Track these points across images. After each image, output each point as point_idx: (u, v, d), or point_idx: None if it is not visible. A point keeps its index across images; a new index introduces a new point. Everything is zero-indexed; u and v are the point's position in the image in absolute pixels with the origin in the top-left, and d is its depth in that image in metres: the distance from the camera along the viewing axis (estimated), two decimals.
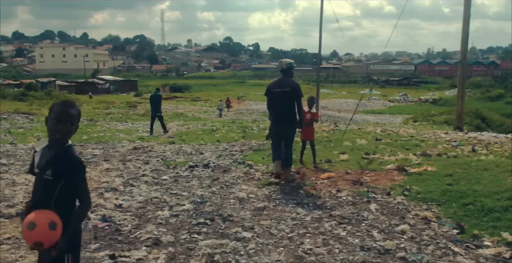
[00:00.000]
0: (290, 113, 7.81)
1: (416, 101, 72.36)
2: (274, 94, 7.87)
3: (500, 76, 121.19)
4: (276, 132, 8.04)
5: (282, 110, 7.83)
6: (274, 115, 8.02)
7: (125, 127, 21.32)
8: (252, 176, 8.59)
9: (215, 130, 18.70)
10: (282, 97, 7.78)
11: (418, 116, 34.94)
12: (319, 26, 34.08)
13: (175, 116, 32.08)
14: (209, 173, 8.98)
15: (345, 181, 7.98)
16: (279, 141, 7.97)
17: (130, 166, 9.66)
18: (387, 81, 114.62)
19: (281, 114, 7.88)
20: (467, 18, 17.63)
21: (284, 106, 7.79)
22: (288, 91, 7.76)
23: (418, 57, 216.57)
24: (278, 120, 7.95)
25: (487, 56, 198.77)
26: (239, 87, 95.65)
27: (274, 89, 7.89)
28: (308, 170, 8.83)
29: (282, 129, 7.91)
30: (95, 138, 15.52)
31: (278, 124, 7.97)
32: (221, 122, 27.98)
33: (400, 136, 15.74)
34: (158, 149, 12.53)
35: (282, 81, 7.92)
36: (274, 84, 7.98)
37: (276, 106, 7.90)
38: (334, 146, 12.78)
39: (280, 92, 7.79)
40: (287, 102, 7.79)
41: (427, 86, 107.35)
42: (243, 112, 45.05)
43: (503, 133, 21.16)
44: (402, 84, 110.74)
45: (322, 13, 33.47)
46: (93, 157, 10.79)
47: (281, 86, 7.82)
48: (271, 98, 7.97)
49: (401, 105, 65.57)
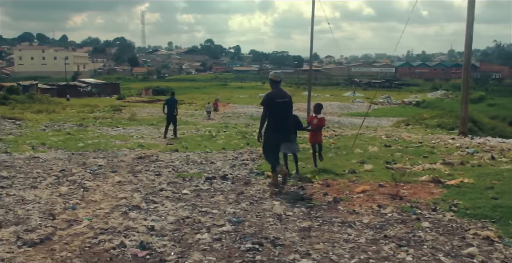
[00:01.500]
0: (289, 122, 8.25)
1: (400, 103, 72.44)
2: (278, 105, 8.00)
3: (479, 79, 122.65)
4: (275, 140, 8.20)
5: (284, 119, 8.09)
6: (275, 124, 8.05)
7: (118, 133, 20.56)
8: (278, 190, 8.03)
9: (214, 136, 18.08)
10: (284, 107, 8.04)
11: (410, 120, 34.78)
12: (311, 29, 33.79)
13: (163, 120, 31.24)
14: (231, 186, 8.40)
15: (382, 195, 7.46)
16: (274, 147, 8.21)
17: (143, 178, 9.00)
18: (369, 84, 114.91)
19: (283, 123, 8.09)
20: (470, 21, 17.35)
21: (286, 116, 8.11)
22: (288, 101, 8.12)
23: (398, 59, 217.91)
24: (280, 129, 8.09)
25: None
26: (221, 89, 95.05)
27: (277, 100, 8.01)
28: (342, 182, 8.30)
29: (284, 137, 8.22)
30: (91, 145, 14.79)
31: (279, 133, 8.12)
32: (213, 126, 27.40)
33: (408, 142, 15.35)
34: (164, 157, 11.90)
35: (282, 91, 8.18)
36: (276, 94, 8.09)
37: (278, 115, 8.02)
38: (347, 154, 12.30)
39: (283, 102, 8.02)
40: (289, 111, 8.16)
41: (409, 88, 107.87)
42: (230, 116, 44.47)
43: (496, 136, 21.01)
44: (384, 86, 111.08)
45: (313, 16, 33.18)
46: (99, 167, 10.10)
47: (283, 97, 8.08)
48: (274, 108, 8.00)
49: (385, 108, 65.59)
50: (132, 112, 37.21)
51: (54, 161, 11.02)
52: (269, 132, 8.17)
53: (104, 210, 6.55)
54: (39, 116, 28.30)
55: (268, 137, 8.23)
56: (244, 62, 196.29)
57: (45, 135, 17.92)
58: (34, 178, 8.80)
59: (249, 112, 48.08)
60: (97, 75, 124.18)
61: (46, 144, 14.69)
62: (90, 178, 8.96)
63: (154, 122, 28.81)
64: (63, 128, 21.08)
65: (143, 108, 47.68)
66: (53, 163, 10.71)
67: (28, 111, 31.79)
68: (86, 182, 8.53)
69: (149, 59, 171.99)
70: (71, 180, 8.64)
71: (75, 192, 7.72)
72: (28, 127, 20.92)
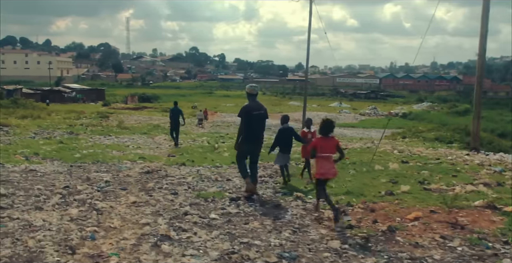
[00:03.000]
0: (263, 134, 8.60)
1: (386, 115, 72.17)
2: (254, 117, 8.25)
3: (463, 91, 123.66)
4: (247, 150, 8.45)
5: (259, 131, 8.42)
6: (250, 135, 8.31)
7: (112, 142, 19.45)
8: (318, 215, 7.15)
9: (217, 148, 17.11)
10: (260, 119, 8.33)
11: (406, 132, 34.22)
12: (307, 38, 33.18)
13: (153, 129, 30.15)
14: (261, 209, 7.49)
15: (438, 223, 6.62)
16: (246, 158, 8.50)
17: (159, 197, 8.02)
18: (354, 95, 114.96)
19: (258, 135, 8.43)
20: (484, 33, 16.80)
21: (261, 128, 8.44)
22: (263, 113, 8.44)
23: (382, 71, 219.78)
24: (254, 141, 8.40)
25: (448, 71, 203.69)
26: (207, 98, 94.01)
27: (254, 112, 8.27)
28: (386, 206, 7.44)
29: (255, 148, 8.51)
30: (88, 156, 13.70)
31: (252, 144, 8.40)
32: (208, 136, 26.41)
33: (424, 158, 14.62)
34: (173, 172, 10.93)
35: (257, 104, 8.45)
36: (252, 107, 8.36)
37: (254, 127, 8.29)
38: (368, 171, 11.47)
39: (259, 114, 8.30)
40: (263, 124, 8.46)
41: (394, 100, 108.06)
42: (219, 125, 43.51)
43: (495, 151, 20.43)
44: (370, 97, 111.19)
45: (310, 24, 32.55)
46: (106, 184, 9.08)
47: (259, 109, 8.37)
48: (250, 120, 8.24)
49: (373, 119, 65.13)
50: (120, 120, 36.03)
51: (54, 175, 9.97)
52: (243, 142, 8.37)
53: (130, 240, 5.59)
54: (24, 122, 26.99)
55: (242, 147, 8.43)
56: (229, 70, 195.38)
57: (36, 143, 16.75)
58: (36, 196, 7.76)
59: (238, 122, 47.14)
60: (80, 80, 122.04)
61: (39, 154, 13.56)
62: (99, 197, 7.95)
63: (145, 130, 27.74)
64: (53, 136, 19.89)
65: (130, 115, 46.49)
66: (53, 178, 9.66)
67: (13, 117, 30.40)
68: (96, 202, 7.52)
69: (134, 66, 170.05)
70: (79, 200, 7.62)
71: (88, 215, 6.72)
72: (17, 134, 19.67)
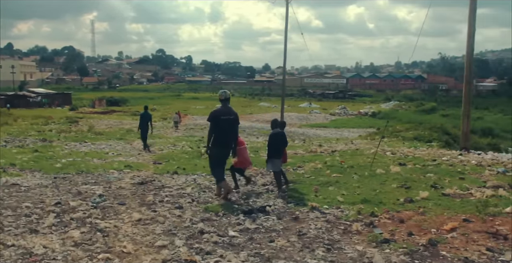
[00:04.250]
0: (233, 138, 8.70)
1: (356, 114, 72.61)
2: (222, 122, 8.41)
3: (428, 90, 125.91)
4: (219, 154, 8.59)
5: (228, 136, 8.56)
6: (220, 139, 8.48)
7: (89, 149, 18.49)
8: (344, 227, 6.59)
9: (203, 154, 16.33)
10: (228, 124, 8.46)
11: (384, 132, 34.07)
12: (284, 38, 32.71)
13: (127, 134, 29.13)
14: (280, 223, 6.88)
15: (477, 233, 6.14)
16: (219, 162, 8.63)
17: (165, 213, 7.30)
18: (323, 95, 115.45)
19: (228, 139, 8.57)
20: (472, 33, 16.58)
21: (231, 132, 8.57)
22: (233, 118, 8.58)
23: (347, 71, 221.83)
24: (224, 144, 8.56)
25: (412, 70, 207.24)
26: (176, 100, 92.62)
27: (222, 117, 8.45)
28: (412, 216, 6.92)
29: (226, 152, 8.67)
30: (70, 166, 12.79)
31: (223, 148, 8.58)
32: (187, 140, 25.61)
33: (421, 159, 14.25)
34: (169, 182, 10.20)
35: (227, 109, 8.60)
36: (221, 112, 8.55)
37: (223, 132, 8.44)
38: (371, 176, 10.98)
39: (227, 119, 8.44)
40: (233, 128, 8.59)
41: (362, 99, 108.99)
42: (193, 128, 42.59)
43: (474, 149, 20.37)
44: (338, 97, 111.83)
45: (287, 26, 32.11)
46: (101, 198, 8.28)
47: (228, 114, 8.52)
48: (219, 124, 8.41)
49: (343, 119, 65.31)
50: (90, 125, 34.79)
51: (40, 189, 9.10)
52: (214, 147, 8.53)
53: None
54: None
55: (213, 151, 8.59)
56: (196, 72, 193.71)
57: (9, 152, 15.65)
58: (27, 216, 6.93)
59: None
60: (45, 84, 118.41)
61: (16, 164, 12.56)
62: (98, 214, 7.17)
63: (118, 135, 26.74)
64: (26, 144, 18.77)
65: (100, 120, 45.14)
66: (39, 192, 8.80)
67: None
68: (97, 221, 6.75)
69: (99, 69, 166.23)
70: (76, 219, 6.83)
71: (93, 237, 5.96)
72: None
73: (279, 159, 9.43)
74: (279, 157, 9.42)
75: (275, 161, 9.35)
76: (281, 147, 9.53)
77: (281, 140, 9.47)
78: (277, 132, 9.48)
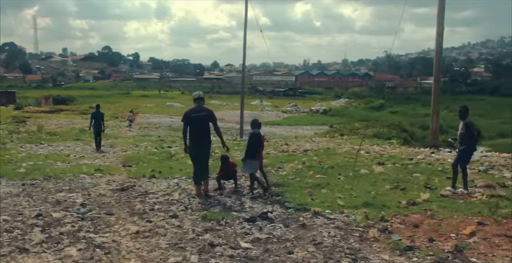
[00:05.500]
0: (208, 134, 8.89)
1: (308, 112, 73.03)
2: (193, 119, 8.76)
3: (375, 87, 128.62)
4: (196, 151, 8.86)
5: (202, 132, 8.80)
6: (194, 137, 8.81)
7: (48, 151, 17.42)
8: (359, 234, 6.26)
9: (174, 155, 15.68)
10: (200, 121, 8.76)
11: (343, 129, 34.34)
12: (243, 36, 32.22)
13: (80, 134, 27.89)
14: (289, 231, 6.48)
15: (497, 237, 5.97)
16: (199, 159, 8.87)
17: (162, 223, 6.73)
18: (273, 92, 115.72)
19: (201, 136, 8.80)
20: (440, 31, 16.75)
21: (202, 129, 8.81)
22: (204, 114, 8.85)
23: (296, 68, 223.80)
24: (199, 141, 8.81)
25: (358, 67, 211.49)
26: (125, 98, 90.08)
27: (192, 115, 8.80)
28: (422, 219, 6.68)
29: (204, 150, 8.90)
30: (34, 170, 11.84)
31: (199, 145, 8.82)
32: (148, 140, 24.73)
33: (396, 158, 14.24)
34: (150, 187, 9.59)
35: (199, 107, 8.93)
36: (192, 111, 8.89)
37: (195, 129, 8.77)
38: (357, 177, 10.78)
39: (197, 116, 8.76)
40: (204, 125, 8.82)
41: (312, 97, 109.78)
42: (147, 127, 41.19)
43: None
44: (288, 95, 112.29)
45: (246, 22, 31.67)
46: (86, 209, 7.58)
47: (199, 112, 8.83)
48: (190, 122, 8.77)
49: (295, 116, 65.37)
50: (39, 125, 33.11)
51: (12, 199, 8.26)
52: (191, 145, 8.87)
53: None
54: None
55: (191, 149, 8.89)
56: (144, 70, 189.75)
57: None
58: (8, 232, 6.19)
59: (165, 123, 45.26)
60: None
61: None
62: (89, 227, 6.51)
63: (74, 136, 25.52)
64: None
65: (49, 119, 43.08)
66: (12, 202, 7.98)
67: None
68: (90, 235, 6.12)
69: (43, 66, 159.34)
70: (67, 233, 6.16)
71: (94, 256, 5.34)
72: None
73: (256, 160, 9.15)
74: (255, 158, 9.16)
75: (252, 162, 9.09)
76: (259, 148, 9.35)
77: (260, 141, 9.34)
78: (258, 132, 9.32)
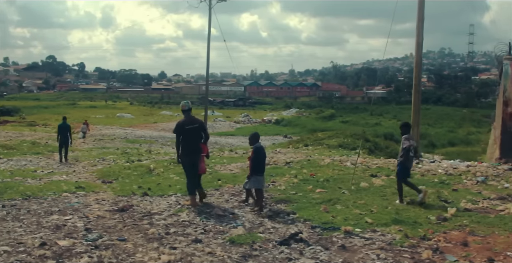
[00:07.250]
0: (200, 144, 9.04)
1: (260, 122, 73.10)
2: (187, 131, 8.89)
3: (324, 97, 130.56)
4: (190, 162, 8.90)
5: (195, 143, 8.95)
6: (188, 147, 8.88)
7: (10, 166, 16.22)
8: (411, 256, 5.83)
9: (153, 169, 14.82)
10: (194, 133, 8.93)
11: (306, 140, 34.12)
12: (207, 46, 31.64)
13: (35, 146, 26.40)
14: (335, 255, 5.96)
15: None
16: (194, 170, 8.90)
17: (191, 250, 6.04)
18: (223, 102, 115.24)
19: (194, 147, 8.92)
20: (420, 42, 16.82)
21: (196, 140, 8.98)
22: (197, 127, 9.03)
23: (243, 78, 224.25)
24: (193, 152, 8.88)
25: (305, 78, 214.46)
26: (72, 109, 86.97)
27: (187, 127, 8.91)
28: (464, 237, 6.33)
29: (196, 159, 8.93)
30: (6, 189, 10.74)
31: (192, 155, 8.87)
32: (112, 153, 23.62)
33: (386, 169, 14.02)
34: (152, 207, 8.82)
35: (191, 118, 9.09)
36: (185, 122, 9.00)
37: (190, 140, 8.89)
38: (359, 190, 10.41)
39: (192, 128, 8.90)
40: (198, 136, 9.01)
41: (262, 107, 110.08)
42: (102, 138, 39.64)
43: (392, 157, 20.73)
44: (239, 105, 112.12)
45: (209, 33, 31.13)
46: (94, 235, 6.76)
47: (192, 123, 8.97)
48: (185, 133, 8.88)
49: (248, 127, 65.14)
50: None
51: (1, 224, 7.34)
52: (183, 156, 8.91)
53: None
54: None
55: (184, 161, 8.94)
56: (90, 80, 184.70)
57: None
58: None
59: (119, 134, 43.83)
60: None
61: None
62: (109, 257, 5.75)
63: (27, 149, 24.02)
64: None
65: None
66: (3, 228, 7.04)
67: None
68: None
69: None
70: None
71: None
72: None
73: (262, 175, 8.68)
74: (262, 174, 8.72)
75: (259, 178, 8.61)
76: (264, 162, 9.03)
77: (265, 154, 9.08)
78: (261, 146, 8.96)
